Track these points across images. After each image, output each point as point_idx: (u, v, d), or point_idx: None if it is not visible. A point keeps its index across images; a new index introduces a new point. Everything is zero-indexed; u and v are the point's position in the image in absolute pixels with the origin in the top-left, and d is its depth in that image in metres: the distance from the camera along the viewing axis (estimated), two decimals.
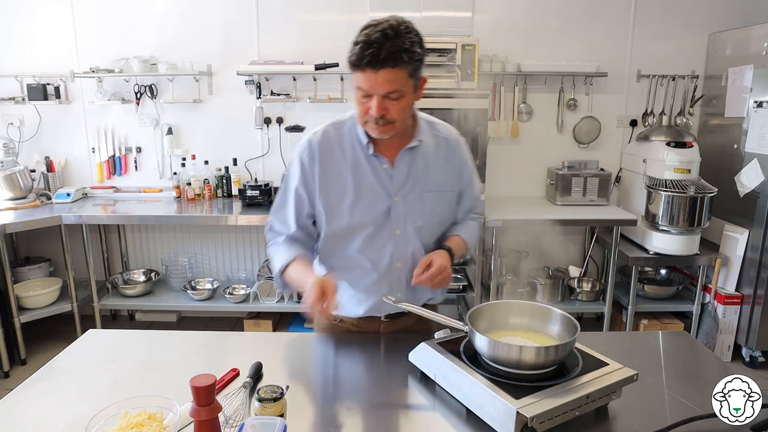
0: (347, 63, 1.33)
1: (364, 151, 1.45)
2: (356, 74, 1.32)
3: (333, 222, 1.48)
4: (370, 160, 1.46)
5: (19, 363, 3.28)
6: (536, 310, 1.34)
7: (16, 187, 3.42)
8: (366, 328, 1.58)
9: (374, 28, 1.28)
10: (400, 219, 1.48)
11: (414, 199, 1.49)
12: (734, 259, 3.28)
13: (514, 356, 1.14)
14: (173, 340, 1.63)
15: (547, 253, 3.84)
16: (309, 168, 1.46)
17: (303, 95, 3.62)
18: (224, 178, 3.72)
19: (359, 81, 1.32)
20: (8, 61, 3.61)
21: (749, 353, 3.29)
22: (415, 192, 1.49)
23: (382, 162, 1.46)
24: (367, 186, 1.45)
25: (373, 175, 1.45)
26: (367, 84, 1.31)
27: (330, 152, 1.45)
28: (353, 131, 1.47)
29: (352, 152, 1.46)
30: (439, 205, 1.54)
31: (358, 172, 1.45)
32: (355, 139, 1.46)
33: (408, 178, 1.48)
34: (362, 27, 1.32)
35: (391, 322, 1.58)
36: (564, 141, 3.74)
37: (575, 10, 3.57)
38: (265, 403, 1.06)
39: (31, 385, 1.31)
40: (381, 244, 1.49)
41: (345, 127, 1.48)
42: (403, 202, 1.48)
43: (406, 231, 1.49)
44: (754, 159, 3.16)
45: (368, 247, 1.48)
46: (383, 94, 1.32)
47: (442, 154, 1.53)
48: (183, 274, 3.69)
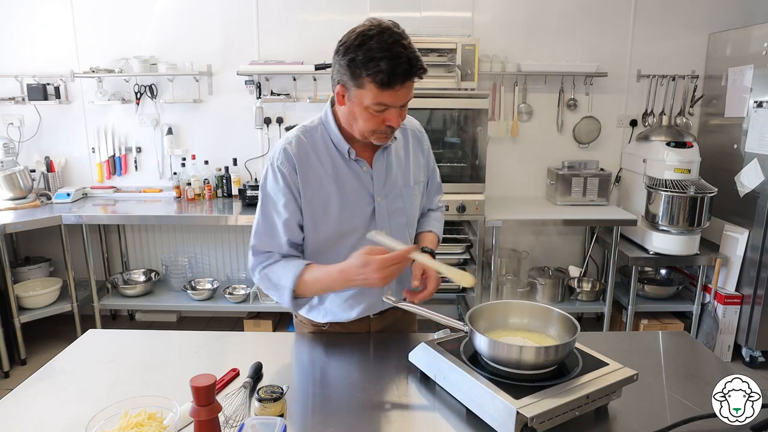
0: (366, 80, 1.23)
1: (343, 157, 1.42)
2: (381, 93, 1.23)
3: (319, 231, 1.44)
4: (350, 165, 1.43)
5: (19, 363, 3.28)
6: (536, 310, 1.34)
7: (16, 187, 3.42)
8: (356, 329, 1.57)
9: (383, 38, 1.20)
10: (384, 219, 1.47)
11: (395, 197, 1.49)
12: (734, 259, 3.28)
13: (514, 356, 1.14)
14: (173, 340, 1.63)
15: (547, 253, 3.85)
16: (291, 179, 1.39)
17: (303, 95, 3.63)
18: (224, 178, 3.72)
19: (382, 98, 1.25)
20: (8, 61, 3.61)
21: (749, 353, 3.29)
22: (395, 190, 1.49)
23: (362, 165, 1.44)
24: (351, 191, 1.43)
25: (355, 179, 1.43)
26: (393, 99, 1.25)
27: (308, 161, 1.39)
28: (326, 138, 1.42)
29: (330, 159, 1.41)
30: (417, 197, 1.56)
31: (339, 179, 1.42)
32: (330, 146, 1.42)
33: (387, 178, 1.47)
34: (358, 37, 1.22)
35: (379, 318, 1.58)
36: (564, 141, 3.74)
37: (575, 10, 3.57)
38: (265, 403, 1.06)
39: (31, 385, 1.31)
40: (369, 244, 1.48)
41: (317, 135, 1.42)
42: (385, 201, 1.47)
43: (391, 230, 1.47)
44: (754, 159, 3.16)
45: (355, 250, 1.43)
46: (404, 104, 1.30)
47: (410, 146, 1.55)
48: (183, 274, 3.69)
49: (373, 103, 1.26)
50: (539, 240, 3.85)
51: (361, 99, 1.27)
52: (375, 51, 1.20)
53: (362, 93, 1.26)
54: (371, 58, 1.20)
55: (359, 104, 1.28)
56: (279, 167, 1.39)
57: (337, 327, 1.57)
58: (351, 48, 1.23)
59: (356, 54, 1.22)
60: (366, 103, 1.27)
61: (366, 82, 1.23)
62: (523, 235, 3.82)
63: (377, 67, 1.20)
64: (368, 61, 1.20)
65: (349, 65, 1.24)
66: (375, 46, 1.20)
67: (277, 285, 1.40)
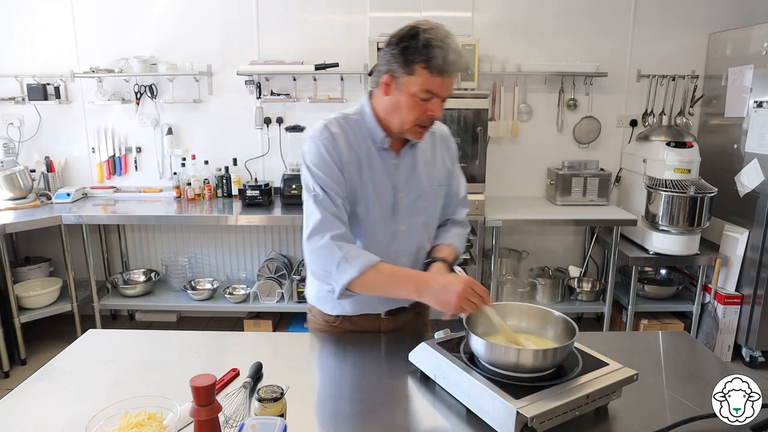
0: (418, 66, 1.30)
1: (375, 146, 1.45)
2: (431, 78, 1.30)
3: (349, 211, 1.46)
4: (381, 154, 1.46)
5: (19, 363, 3.28)
6: (534, 312, 1.34)
7: (16, 187, 3.42)
8: (366, 327, 1.58)
9: (436, 32, 1.30)
10: (404, 215, 1.49)
11: (417, 195, 1.50)
12: (734, 259, 3.28)
13: (511, 359, 1.14)
14: (173, 340, 1.63)
15: (547, 253, 3.85)
16: (335, 150, 1.40)
17: (303, 95, 3.62)
18: (224, 178, 3.72)
19: (431, 85, 1.31)
20: (8, 61, 3.61)
21: (749, 353, 3.29)
22: (418, 188, 1.50)
23: (390, 156, 1.47)
24: (378, 180, 1.46)
25: (382, 168, 1.46)
26: (440, 87, 1.33)
27: (347, 142, 1.43)
28: (361, 126, 1.46)
29: (365, 146, 1.45)
30: (440, 200, 1.58)
31: (371, 166, 1.45)
32: (366, 134, 1.46)
33: (412, 173, 1.50)
34: (412, 29, 1.31)
35: (391, 318, 1.58)
36: (564, 141, 3.74)
37: (575, 11, 3.57)
38: (265, 403, 1.06)
39: (31, 385, 1.31)
40: (387, 239, 1.49)
41: (352, 121, 1.47)
42: (407, 197, 1.49)
43: (410, 226, 1.50)
44: (754, 159, 3.16)
45: (374, 241, 1.47)
46: (446, 97, 1.36)
47: (437, 149, 1.57)
48: (183, 274, 3.69)
49: (421, 90, 1.32)
50: (539, 240, 3.85)
51: (410, 86, 1.33)
52: (431, 40, 1.29)
53: (412, 80, 1.32)
54: (426, 45, 1.29)
55: (406, 92, 1.34)
56: (323, 142, 1.41)
57: (348, 324, 1.57)
58: (405, 38, 1.32)
59: (410, 42, 1.30)
60: (413, 90, 1.33)
61: (418, 68, 1.30)
62: (523, 235, 3.82)
63: (431, 53, 1.28)
64: (423, 47, 1.29)
65: (402, 52, 1.31)
66: (429, 36, 1.29)
67: (346, 258, 1.33)
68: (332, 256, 1.34)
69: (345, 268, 1.33)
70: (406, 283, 1.34)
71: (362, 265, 1.32)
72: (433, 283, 1.32)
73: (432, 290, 1.30)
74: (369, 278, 1.33)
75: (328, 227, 1.36)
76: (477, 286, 1.28)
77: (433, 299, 1.30)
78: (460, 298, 1.25)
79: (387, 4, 3.44)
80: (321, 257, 1.37)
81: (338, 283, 1.34)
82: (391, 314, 1.58)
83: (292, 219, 3.27)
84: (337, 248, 1.34)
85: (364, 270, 1.32)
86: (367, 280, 1.33)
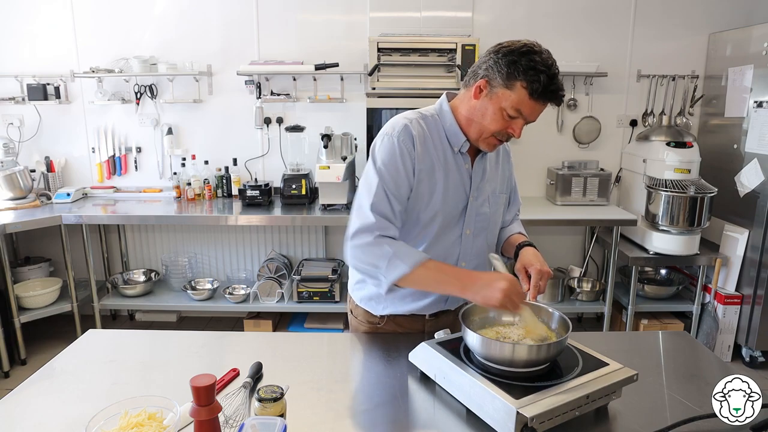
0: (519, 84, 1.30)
1: (452, 150, 1.46)
2: (527, 100, 1.31)
3: (413, 212, 1.46)
4: (456, 158, 1.47)
5: (19, 363, 3.28)
6: (529, 307, 1.35)
7: (16, 187, 3.42)
8: (410, 328, 1.60)
9: (546, 58, 1.30)
10: (471, 219, 1.51)
11: (483, 201, 1.53)
12: (734, 259, 3.28)
13: (506, 354, 1.15)
14: (173, 340, 1.63)
15: (547, 253, 3.83)
16: (410, 154, 1.41)
17: (303, 95, 3.63)
18: (224, 178, 3.72)
19: (523, 106, 1.32)
20: (8, 61, 3.61)
21: (749, 353, 3.29)
22: (484, 194, 1.53)
23: (466, 161, 1.49)
24: (453, 183, 1.47)
25: (457, 172, 1.47)
26: (530, 111, 1.34)
27: (425, 143, 1.43)
28: (439, 127, 1.47)
29: (442, 147, 1.46)
30: (501, 207, 1.62)
31: (447, 167, 1.46)
32: (443, 136, 1.46)
33: (482, 180, 1.52)
34: (525, 46, 1.31)
35: (434, 320, 1.60)
36: (564, 141, 3.74)
37: (575, 10, 3.57)
38: (265, 403, 1.06)
39: (31, 385, 1.31)
40: (450, 242, 1.51)
41: (430, 121, 1.47)
42: (475, 203, 1.51)
43: (474, 231, 1.53)
44: (754, 159, 3.16)
45: (437, 243, 1.49)
46: (531, 121, 1.38)
47: (501, 158, 1.61)
48: (183, 274, 3.69)
49: (512, 107, 1.33)
50: (539, 240, 3.81)
51: (503, 99, 1.33)
52: (539, 63, 1.29)
53: (507, 94, 1.32)
54: (533, 67, 1.28)
55: (497, 103, 1.35)
56: (400, 141, 1.40)
57: (392, 325, 1.59)
58: (515, 52, 1.31)
59: (520, 59, 1.29)
60: (504, 104, 1.34)
61: (518, 86, 1.30)
62: None
63: (536, 77, 1.28)
64: (530, 68, 1.28)
65: (509, 65, 1.30)
66: (539, 59, 1.29)
67: (397, 255, 1.35)
68: (382, 252, 1.36)
69: (396, 264, 1.35)
70: (451, 279, 1.37)
71: (413, 261, 1.34)
72: (478, 279, 1.34)
73: (476, 286, 1.31)
74: (418, 274, 1.35)
75: (376, 228, 1.38)
76: (519, 286, 1.31)
77: (477, 295, 1.31)
78: (504, 294, 1.26)
79: (387, 4, 3.44)
80: (368, 253, 1.38)
81: (388, 278, 1.36)
82: (434, 316, 1.60)
83: (292, 219, 3.27)
84: (387, 245, 1.37)
85: (414, 266, 1.34)
86: (417, 276, 1.35)
